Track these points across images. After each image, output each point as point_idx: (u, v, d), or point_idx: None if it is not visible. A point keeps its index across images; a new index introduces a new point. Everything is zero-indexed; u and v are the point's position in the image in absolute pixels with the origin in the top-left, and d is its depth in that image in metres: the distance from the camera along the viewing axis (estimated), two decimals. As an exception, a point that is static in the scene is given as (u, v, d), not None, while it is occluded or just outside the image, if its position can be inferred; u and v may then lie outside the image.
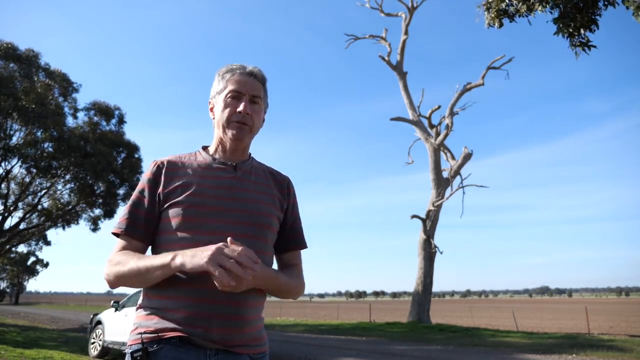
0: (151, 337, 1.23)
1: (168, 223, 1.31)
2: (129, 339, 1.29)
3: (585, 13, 6.10)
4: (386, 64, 21.35)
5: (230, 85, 1.40)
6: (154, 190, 1.35)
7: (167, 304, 1.25)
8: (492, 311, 41.69)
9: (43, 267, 64.69)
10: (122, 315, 9.36)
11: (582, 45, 6.23)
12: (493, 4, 6.61)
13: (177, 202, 1.30)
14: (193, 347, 1.22)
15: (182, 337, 1.22)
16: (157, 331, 1.23)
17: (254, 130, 1.42)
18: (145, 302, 1.31)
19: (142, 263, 1.24)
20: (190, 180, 1.34)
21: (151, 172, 1.38)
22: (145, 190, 1.36)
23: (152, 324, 1.25)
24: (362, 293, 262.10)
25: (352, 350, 11.06)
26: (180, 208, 1.29)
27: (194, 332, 1.22)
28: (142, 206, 1.35)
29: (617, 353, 9.96)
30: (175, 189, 1.33)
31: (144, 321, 1.27)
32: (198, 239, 1.25)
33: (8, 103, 16.03)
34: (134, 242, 1.34)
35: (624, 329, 19.57)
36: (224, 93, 1.40)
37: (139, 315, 1.31)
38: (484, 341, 12.96)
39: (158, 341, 1.22)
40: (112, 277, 1.29)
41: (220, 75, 1.44)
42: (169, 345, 1.21)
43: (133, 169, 20.33)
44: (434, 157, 20.09)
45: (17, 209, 20.58)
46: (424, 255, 19.16)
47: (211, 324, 1.22)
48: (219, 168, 1.39)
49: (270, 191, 1.43)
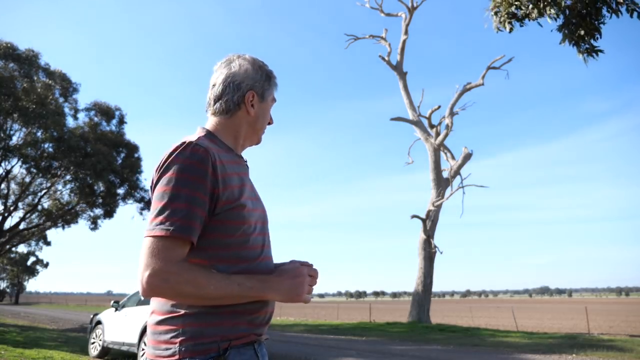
0: (225, 345, 1.16)
1: (223, 225, 1.19)
2: (195, 347, 1.13)
3: (590, 21, 6.11)
4: (386, 64, 21.36)
5: (273, 93, 1.41)
6: (213, 188, 1.16)
7: (228, 307, 1.18)
8: (492, 311, 41.73)
9: (43, 267, 64.74)
10: (122, 315, 9.37)
11: (589, 51, 6.25)
12: (502, 8, 6.60)
13: (240, 205, 1.21)
14: (250, 345, 1.21)
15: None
16: (230, 338, 1.17)
17: None
18: (194, 308, 1.16)
19: (235, 290, 1.14)
20: (238, 178, 1.25)
21: (208, 166, 1.15)
22: (202, 186, 1.14)
23: (219, 330, 1.16)
24: (362, 293, 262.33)
25: (352, 350, 11.06)
26: (242, 211, 1.21)
27: (260, 331, 1.24)
28: (202, 205, 1.14)
29: (617, 353, 9.96)
30: (232, 187, 1.20)
31: (204, 328, 1.15)
32: (253, 241, 1.25)
33: (8, 103, 16.04)
34: (187, 248, 1.14)
35: (624, 329, 19.59)
36: (269, 99, 1.39)
37: (197, 322, 1.15)
38: (483, 341, 12.97)
39: (228, 347, 1.17)
40: (177, 295, 1.12)
41: (268, 75, 1.39)
42: (234, 349, 1.18)
43: (133, 169, 20.36)
44: (434, 157, 20.10)
45: (17, 209, 20.61)
46: (424, 255, 19.17)
47: (267, 319, 1.27)
48: (243, 164, 1.34)
49: None
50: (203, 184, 1.14)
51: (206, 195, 1.14)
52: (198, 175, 1.14)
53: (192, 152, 1.15)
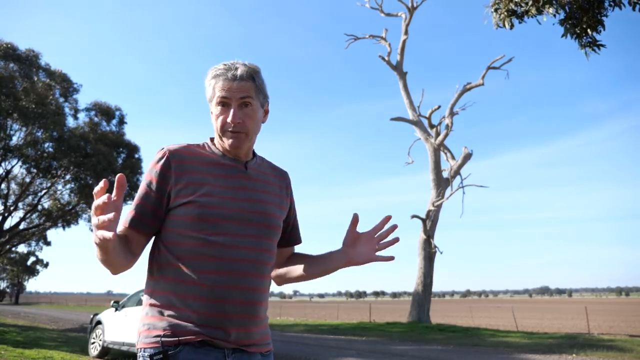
0: (171, 340, 1.20)
1: (179, 220, 1.28)
2: (142, 340, 1.24)
3: (592, 14, 6.10)
4: (386, 64, 21.34)
5: (217, 92, 1.33)
6: (164, 184, 1.29)
7: (180, 303, 1.23)
8: (492, 311, 41.69)
9: (43, 267, 64.64)
10: (122, 315, 9.36)
11: (591, 45, 6.23)
12: (502, 5, 6.61)
13: (190, 202, 1.27)
14: (212, 348, 1.22)
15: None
16: (177, 334, 1.20)
17: (251, 134, 1.37)
18: (155, 301, 1.27)
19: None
20: (203, 177, 1.30)
21: (161, 165, 1.30)
22: (153, 183, 1.29)
23: (168, 325, 1.22)
24: (362, 293, 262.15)
25: (352, 350, 11.06)
26: (194, 207, 1.26)
27: (214, 334, 1.22)
28: (150, 200, 1.29)
29: (617, 353, 9.96)
30: (187, 185, 1.28)
31: (157, 322, 1.24)
32: (212, 239, 1.25)
33: (8, 103, 16.03)
34: (136, 236, 1.30)
35: (624, 329, 19.57)
36: (214, 101, 1.35)
37: (149, 315, 1.27)
38: (483, 341, 12.97)
39: (177, 344, 1.20)
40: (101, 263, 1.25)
41: (208, 78, 1.37)
42: (188, 346, 1.19)
43: (133, 170, 20.34)
44: (434, 157, 20.09)
45: (17, 209, 20.59)
46: (424, 255, 19.16)
47: (230, 324, 1.23)
48: (230, 166, 1.36)
49: (277, 191, 1.45)
50: (156, 182, 1.29)
51: (158, 192, 1.29)
52: (150, 174, 1.31)
53: (155, 156, 1.33)
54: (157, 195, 1.29)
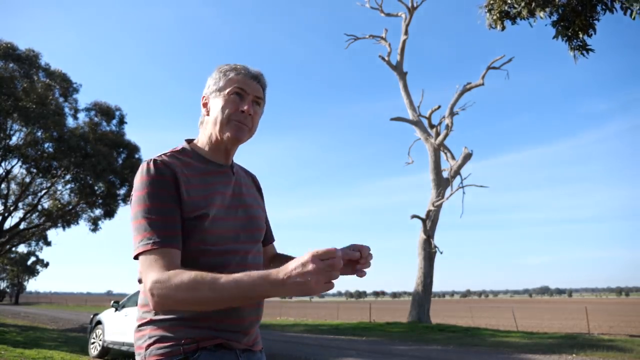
0: (191, 347, 1.17)
1: (194, 232, 1.22)
2: (154, 352, 1.18)
3: (584, 17, 6.13)
4: (386, 64, 21.36)
5: (235, 83, 1.33)
6: (177, 194, 1.21)
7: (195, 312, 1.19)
8: (492, 311, 41.72)
9: (43, 267, 64.72)
10: (122, 315, 9.37)
11: (580, 48, 6.27)
12: (495, 6, 6.64)
13: (205, 214, 1.23)
14: (226, 351, 1.23)
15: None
16: (196, 340, 1.18)
17: (252, 131, 1.36)
18: (164, 315, 1.21)
19: (241, 285, 1.04)
20: (206, 189, 1.28)
21: (169, 175, 1.22)
22: (166, 194, 1.20)
23: (185, 332, 1.19)
24: (362, 293, 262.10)
25: (352, 350, 11.07)
26: (209, 220, 1.24)
27: (231, 336, 1.24)
28: (174, 212, 1.20)
29: (617, 353, 9.96)
30: (197, 198, 1.24)
31: (171, 331, 1.19)
32: (227, 248, 1.27)
33: (8, 103, 16.04)
34: (176, 255, 1.17)
35: (624, 329, 19.59)
36: (226, 90, 1.32)
37: (157, 327, 1.20)
38: (483, 341, 12.97)
39: (196, 350, 1.18)
40: (181, 303, 1.09)
41: (222, 72, 1.36)
42: (205, 351, 1.19)
43: (133, 170, 20.31)
44: (434, 157, 20.10)
45: (17, 209, 20.62)
46: (424, 255, 19.16)
47: (244, 327, 1.27)
48: (220, 172, 1.35)
49: (256, 193, 1.49)
50: (167, 193, 1.20)
51: (174, 203, 1.20)
52: (160, 187, 1.20)
53: (149, 168, 1.22)
54: (175, 207, 1.20)
